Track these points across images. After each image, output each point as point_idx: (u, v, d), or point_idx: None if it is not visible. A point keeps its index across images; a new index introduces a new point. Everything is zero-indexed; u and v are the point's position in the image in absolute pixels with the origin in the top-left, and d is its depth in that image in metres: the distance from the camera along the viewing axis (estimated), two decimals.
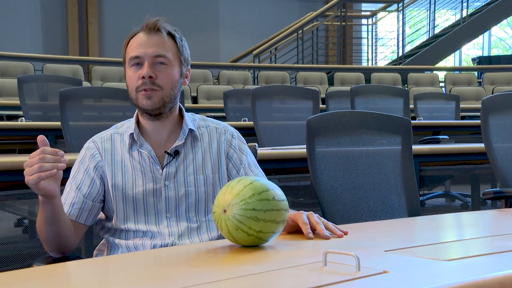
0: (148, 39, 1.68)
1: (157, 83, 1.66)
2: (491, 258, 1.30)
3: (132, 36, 1.71)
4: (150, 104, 1.67)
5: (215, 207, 1.38)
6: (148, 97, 1.66)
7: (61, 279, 1.24)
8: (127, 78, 1.70)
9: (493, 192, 2.41)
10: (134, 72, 1.68)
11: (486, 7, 10.76)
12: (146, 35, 1.69)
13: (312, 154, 1.95)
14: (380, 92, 5.44)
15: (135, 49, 1.68)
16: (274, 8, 12.45)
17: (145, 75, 1.65)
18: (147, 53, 1.67)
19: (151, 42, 1.68)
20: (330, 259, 1.19)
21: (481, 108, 2.46)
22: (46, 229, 1.58)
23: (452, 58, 14.33)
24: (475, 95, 8.10)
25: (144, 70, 1.65)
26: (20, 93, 4.77)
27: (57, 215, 1.56)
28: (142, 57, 1.67)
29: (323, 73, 8.82)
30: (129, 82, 1.69)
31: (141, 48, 1.67)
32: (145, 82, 1.66)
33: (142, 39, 1.68)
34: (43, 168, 1.42)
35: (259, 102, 4.15)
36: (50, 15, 10.76)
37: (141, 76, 1.66)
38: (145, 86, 1.66)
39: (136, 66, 1.68)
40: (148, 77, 1.65)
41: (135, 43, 1.69)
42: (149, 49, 1.67)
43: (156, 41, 1.68)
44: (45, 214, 1.55)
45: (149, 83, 1.66)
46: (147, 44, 1.68)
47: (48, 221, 1.56)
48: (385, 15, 12.09)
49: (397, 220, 1.96)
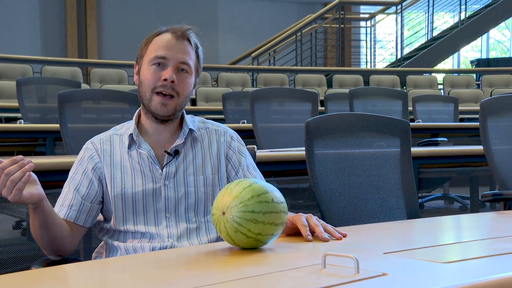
0: (176, 43, 1.68)
1: (176, 89, 1.66)
2: (490, 261, 1.29)
3: (157, 34, 1.70)
4: (164, 111, 1.67)
5: (214, 209, 1.38)
6: (163, 104, 1.66)
7: (59, 281, 1.24)
8: (143, 75, 1.69)
9: (492, 194, 2.41)
10: (155, 72, 1.67)
11: (485, 10, 10.78)
12: (174, 39, 1.69)
13: (311, 156, 1.95)
14: (379, 94, 5.45)
15: (162, 49, 1.67)
16: (273, 11, 12.46)
17: (169, 78, 1.65)
18: (174, 57, 1.67)
19: (180, 47, 1.68)
20: (329, 261, 1.19)
21: (480, 110, 2.46)
22: (42, 234, 1.58)
23: (451, 60, 14.34)
24: (473, 97, 8.11)
25: (169, 74, 1.65)
26: (19, 95, 4.77)
27: (50, 218, 1.56)
28: (168, 59, 1.66)
29: (322, 75, 8.83)
30: (145, 80, 1.68)
31: (169, 51, 1.67)
32: (165, 85, 1.66)
33: (171, 41, 1.68)
34: (15, 179, 1.40)
35: (258, 104, 4.15)
36: (49, 18, 10.76)
37: (164, 78, 1.65)
38: (164, 88, 1.66)
39: (157, 66, 1.67)
40: (171, 81, 1.65)
41: (162, 43, 1.68)
42: (177, 54, 1.67)
43: (184, 48, 1.69)
44: (37, 220, 1.55)
45: (169, 87, 1.66)
46: (175, 48, 1.67)
47: (42, 226, 1.56)
48: (384, 17, 12.11)
49: (396, 222, 1.96)
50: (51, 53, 10.14)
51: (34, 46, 10.38)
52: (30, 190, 1.46)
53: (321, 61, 11.68)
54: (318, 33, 11.39)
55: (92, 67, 7.99)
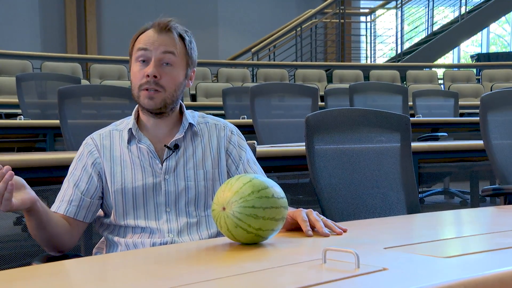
0: (158, 37, 1.67)
1: (161, 84, 1.66)
2: (491, 255, 1.30)
3: (142, 32, 1.70)
4: (151, 104, 1.67)
5: (214, 204, 1.38)
6: (150, 97, 1.66)
7: (60, 277, 1.24)
8: (131, 74, 1.70)
9: (492, 189, 2.41)
10: (139, 69, 1.67)
11: (485, 4, 10.76)
12: (156, 33, 1.68)
13: (311, 151, 1.95)
14: (379, 89, 5.45)
15: (144, 45, 1.67)
16: (273, 6, 12.44)
17: (150, 74, 1.64)
18: (155, 51, 1.66)
19: (161, 40, 1.67)
20: (330, 256, 1.19)
21: (480, 105, 2.46)
22: (39, 234, 1.58)
23: (451, 55, 14.33)
24: (473, 92, 8.10)
25: (150, 69, 1.65)
26: (19, 91, 4.77)
27: (45, 218, 1.55)
28: (150, 50, 1.66)
29: (322, 71, 8.82)
30: (133, 79, 1.69)
31: (150, 45, 1.66)
32: (149, 81, 1.65)
33: (152, 35, 1.68)
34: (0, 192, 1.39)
35: (258, 99, 4.14)
36: (49, 13, 10.74)
37: (146, 74, 1.65)
38: (148, 85, 1.65)
39: (141, 64, 1.67)
40: (153, 76, 1.65)
41: (144, 39, 1.68)
42: (158, 47, 1.66)
43: (165, 41, 1.68)
44: (33, 222, 1.55)
45: (152, 83, 1.65)
46: (156, 41, 1.67)
47: (38, 226, 1.56)
48: (384, 12, 12.09)
49: (396, 217, 1.96)
50: (50, 49, 10.13)
51: (33, 42, 10.37)
52: (20, 197, 1.45)
53: (321, 56, 11.67)
54: (318, 28, 11.37)
55: (92, 62, 7.98)
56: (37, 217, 1.54)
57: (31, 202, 1.48)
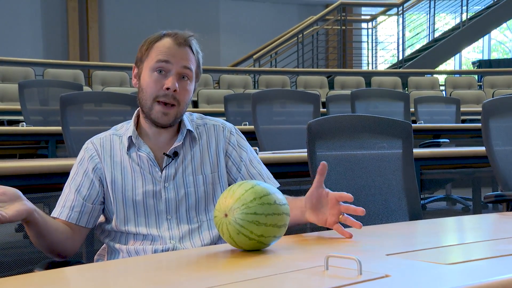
0: (179, 50, 1.66)
1: (177, 98, 1.65)
2: (493, 262, 1.29)
3: (158, 39, 1.68)
4: (165, 120, 1.66)
5: (216, 211, 1.38)
6: (164, 114, 1.65)
7: (61, 284, 1.24)
8: (145, 82, 1.67)
9: (495, 196, 2.41)
10: (157, 79, 1.65)
11: (486, 11, 10.78)
12: (176, 45, 1.67)
13: (313, 158, 1.95)
14: (381, 95, 5.45)
15: (165, 55, 1.65)
16: (274, 12, 12.47)
17: (172, 87, 1.63)
18: (177, 64, 1.65)
19: (182, 54, 1.67)
20: (332, 263, 1.19)
21: (482, 111, 2.46)
22: (40, 242, 1.58)
23: (452, 61, 14.34)
24: (475, 98, 8.10)
25: (171, 82, 1.63)
26: (21, 98, 4.78)
27: (44, 227, 1.55)
28: (172, 63, 1.65)
29: (324, 77, 8.83)
30: (147, 88, 1.66)
31: (172, 57, 1.65)
32: (167, 94, 1.64)
33: (172, 47, 1.66)
34: None
35: (259, 106, 4.15)
36: (51, 20, 10.77)
37: (166, 87, 1.64)
38: (166, 98, 1.64)
39: (159, 74, 1.65)
40: (173, 90, 1.64)
41: (164, 49, 1.66)
42: (180, 61, 1.66)
43: (186, 55, 1.67)
44: (32, 231, 1.54)
45: (171, 96, 1.64)
46: (177, 54, 1.66)
47: (38, 235, 1.56)
48: (385, 19, 12.11)
49: (398, 224, 1.95)
50: (53, 55, 10.16)
51: (36, 49, 10.40)
52: (16, 208, 1.43)
53: (323, 63, 11.69)
54: (320, 35, 11.39)
55: (94, 69, 8.00)
56: (36, 227, 1.53)
57: (28, 213, 1.46)
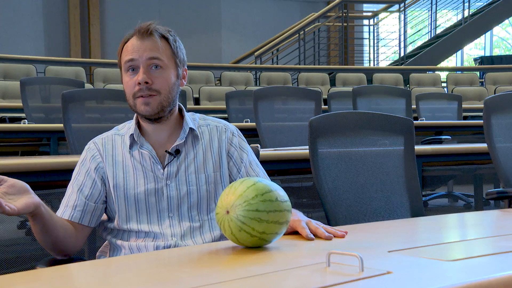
0: (141, 44, 1.67)
1: (154, 88, 1.66)
2: (495, 259, 1.29)
3: (125, 41, 1.70)
4: (148, 110, 1.66)
5: (218, 208, 1.38)
6: (146, 103, 1.66)
7: (63, 281, 1.24)
8: (124, 84, 1.70)
9: (496, 192, 2.41)
10: (130, 78, 1.67)
11: (488, 7, 10.75)
12: (139, 40, 1.68)
13: (315, 154, 1.95)
14: (382, 92, 5.44)
15: (130, 53, 1.67)
16: (276, 9, 12.45)
17: (141, 81, 1.65)
18: (141, 57, 1.66)
19: (145, 46, 1.67)
20: (334, 259, 1.19)
21: (484, 108, 2.46)
22: (44, 238, 1.59)
23: (454, 58, 14.32)
24: (477, 95, 8.09)
25: (140, 76, 1.65)
26: (23, 95, 4.78)
27: (50, 222, 1.56)
28: (136, 59, 1.66)
29: (325, 74, 8.82)
30: (126, 89, 1.69)
31: (135, 52, 1.66)
32: (141, 89, 1.65)
33: (136, 43, 1.68)
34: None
35: (261, 103, 4.15)
36: (52, 18, 10.77)
37: (137, 82, 1.65)
38: (142, 92, 1.66)
39: (131, 72, 1.67)
40: (144, 83, 1.65)
41: (129, 48, 1.68)
42: (143, 53, 1.66)
43: (149, 45, 1.67)
44: (38, 226, 1.55)
45: (145, 89, 1.65)
46: (140, 48, 1.67)
47: (43, 230, 1.56)
48: (387, 15, 12.09)
49: (400, 221, 1.95)
50: (54, 53, 10.16)
51: (37, 46, 10.40)
52: (24, 201, 1.45)
53: (324, 60, 11.67)
54: (321, 32, 11.38)
55: (96, 66, 8.00)
56: (42, 221, 1.54)
57: (35, 206, 1.48)
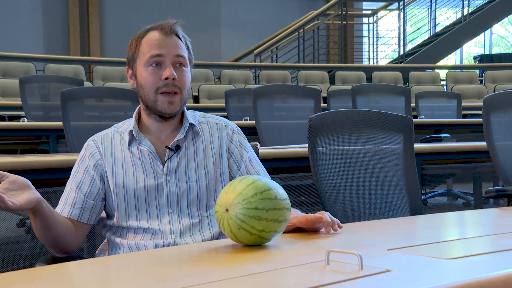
0: (167, 40, 1.68)
1: (178, 85, 1.67)
2: (494, 257, 1.29)
3: (144, 34, 1.70)
4: (172, 108, 1.67)
5: (217, 206, 1.38)
6: (170, 103, 1.67)
7: (62, 279, 1.24)
8: (142, 78, 1.68)
9: (496, 190, 2.41)
10: (154, 72, 1.67)
11: (487, 5, 10.74)
12: (163, 36, 1.68)
13: (314, 153, 1.95)
14: (382, 90, 5.44)
15: (155, 48, 1.67)
16: (275, 7, 12.44)
17: (170, 76, 1.65)
18: (170, 53, 1.67)
19: (172, 43, 1.68)
20: (333, 258, 1.19)
21: (483, 106, 2.46)
22: (45, 235, 1.59)
23: (454, 56, 14.32)
24: (476, 93, 8.09)
25: (169, 72, 1.65)
26: (22, 93, 4.77)
27: (50, 218, 1.56)
28: (164, 55, 1.66)
29: (324, 72, 8.81)
30: (146, 83, 1.68)
31: (163, 48, 1.67)
32: (167, 84, 1.66)
33: (161, 38, 1.68)
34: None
35: (260, 101, 4.14)
36: (51, 15, 10.76)
37: (165, 77, 1.65)
38: (167, 88, 1.66)
39: (155, 67, 1.67)
40: (172, 79, 1.65)
41: (153, 42, 1.68)
42: (171, 50, 1.67)
43: (175, 42, 1.69)
44: (38, 222, 1.55)
45: (171, 85, 1.66)
46: (168, 44, 1.67)
47: (44, 227, 1.57)
48: (386, 13, 12.09)
49: (399, 219, 1.95)
50: (53, 51, 10.15)
51: (36, 44, 10.38)
52: (26, 196, 1.45)
53: (324, 58, 11.67)
54: (321, 30, 11.37)
55: (95, 64, 7.99)
56: (43, 218, 1.54)
57: (37, 201, 1.49)
